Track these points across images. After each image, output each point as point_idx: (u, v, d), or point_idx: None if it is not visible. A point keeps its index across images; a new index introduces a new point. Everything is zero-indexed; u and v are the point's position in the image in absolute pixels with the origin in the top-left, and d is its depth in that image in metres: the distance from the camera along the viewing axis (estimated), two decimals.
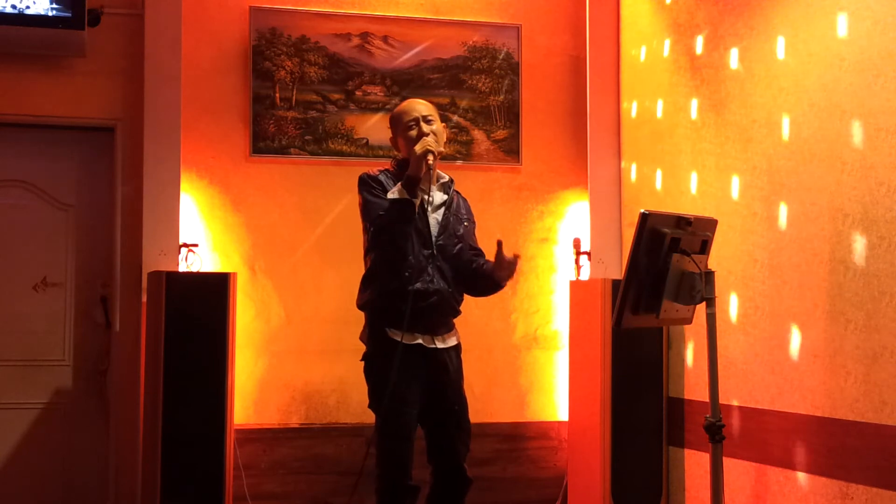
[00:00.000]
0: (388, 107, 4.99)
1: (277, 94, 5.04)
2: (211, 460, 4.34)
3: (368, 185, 3.74)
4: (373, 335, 3.74)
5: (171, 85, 4.80)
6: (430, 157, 3.64)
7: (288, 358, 4.99)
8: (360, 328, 3.81)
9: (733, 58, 4.37)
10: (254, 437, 4.88)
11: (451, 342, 3.80)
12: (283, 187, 5.05)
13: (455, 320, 3.84)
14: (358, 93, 5.14)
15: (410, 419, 3.68)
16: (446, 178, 3.85)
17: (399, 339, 3.64)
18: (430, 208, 3.75)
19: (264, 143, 5.01)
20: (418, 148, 3.64)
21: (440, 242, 3.75)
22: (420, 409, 3.70)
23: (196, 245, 4.79)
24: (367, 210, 3.73)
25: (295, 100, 5.07)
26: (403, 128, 3.81)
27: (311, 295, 5.04)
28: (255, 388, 4.94)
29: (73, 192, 4.92)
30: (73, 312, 4.89)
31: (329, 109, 5.10)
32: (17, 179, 4.88)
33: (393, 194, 3.64)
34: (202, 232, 4.92)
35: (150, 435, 4.41)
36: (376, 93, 5.15)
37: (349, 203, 5.05)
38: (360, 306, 3.80)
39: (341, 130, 5.11)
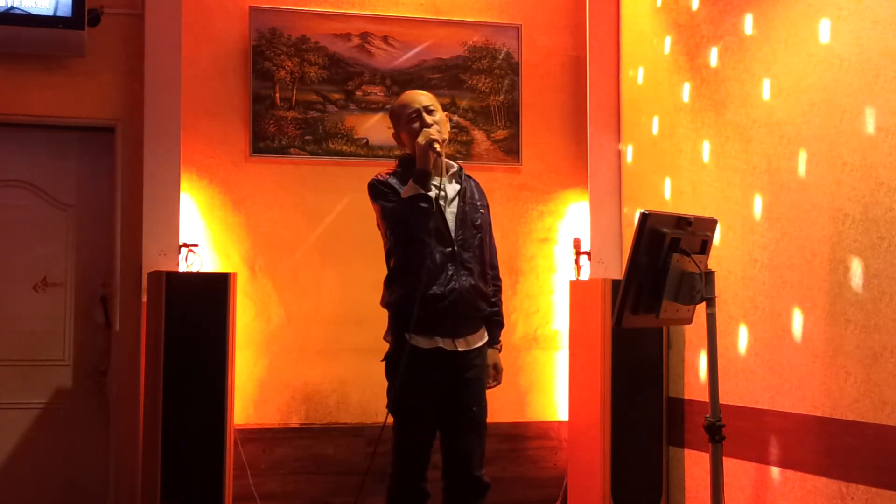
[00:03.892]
0: (388, 107, 4.94)
1: (277, 94, 5.04)
2: (211, 460, 4.34)
3: (382, 193, 3.63)
4: (394, 336, 3.68)
5: (171, 85, 4.80)
6: (437, 146, 3.54)
7: (288, 358, 4.99)
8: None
9: (733, 58, 4.37)
10: (254, 437, 4.88)
11: (476, 344, 3.70)
12: (283, 187, 5.05)
13: None
14: (358, 93, 5.14)
15: (428, 423, 3.62)
16: (455, 168, 3.73)
17: (415, 343, 3.57)
18: (444, 203, 3.63)
19: (264, 143, 5.01)
20: (421, 139, 3.54)
21: (460, 238, 3.64)
22: (439, 413, 3.64)
23: (196, 245, 4.79)
24: (385, 217, 3.62)
25: (295, 100, 5.06)
26: (406, 120, 3.70)
27: (311, 295, 5.04)
28: (255, 388, 4.93)
29: (73, 192, 4.92)
30: (73, 312, 4.88)
31: (329, 109, 5.10)
32: (17, 179, 4.87)
33: (407, 193, 3.54)
34: (202, 232, 4.92)
35: (150, 435, 4.41)
36: (376, 93, 5.15)
37: (349, 203, 5.05)
38: (384, 306, 3.74)
39: (341, 130, 5.11)
